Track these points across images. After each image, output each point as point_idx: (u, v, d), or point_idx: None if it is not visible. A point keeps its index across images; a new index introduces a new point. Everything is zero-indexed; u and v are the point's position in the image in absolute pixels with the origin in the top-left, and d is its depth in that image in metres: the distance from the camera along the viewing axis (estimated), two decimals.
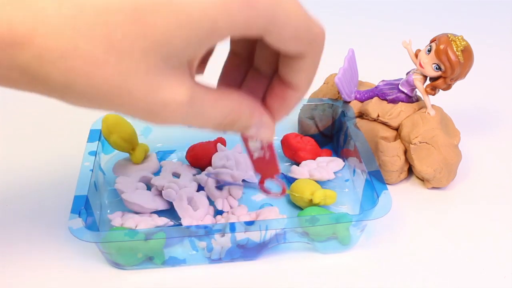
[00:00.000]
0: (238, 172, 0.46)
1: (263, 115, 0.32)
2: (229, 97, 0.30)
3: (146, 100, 0.26)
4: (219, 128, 0.31)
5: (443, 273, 0.41)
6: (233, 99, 0.30)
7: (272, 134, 0.33)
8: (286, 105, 0.32)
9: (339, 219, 0.39)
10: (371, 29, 0.76)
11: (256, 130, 0.32)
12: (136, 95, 0.26)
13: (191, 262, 0.41)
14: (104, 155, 0.49)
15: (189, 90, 0.27)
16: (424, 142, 0.47)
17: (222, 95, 0.30)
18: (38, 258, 0.42)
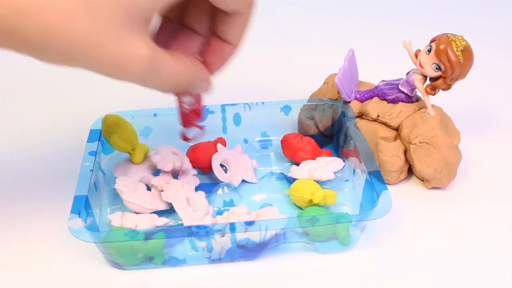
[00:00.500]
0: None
1: (205, 72, 0.36)
2: (182, 60, 0.33)
3: (114, 53, 0.28)
4: (172, 88, 0.33)
5: (443, 273, 0.41)
6: (184, 62, 0.34)
7: (210, 87, 0.37)
8: (222, 59, 0.37)
9: (339, 219, 0.39)
10: (371, 29, 0.76)
11: (199, 86, 0.36)
12: (107, 49, 0.28)
13: (191, 262, 0.41)
14: (104, 155, 0.49)
15: (150, 47, 0.30)
16: (424, 142, 0.47)
17: (176, 57, 0.33)
18: (38, 258, 0.42)
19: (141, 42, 0.29)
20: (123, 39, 0.28)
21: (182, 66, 0.33)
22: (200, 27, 0.36)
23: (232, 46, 0.36)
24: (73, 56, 0.28)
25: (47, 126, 0.57)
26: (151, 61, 0.30)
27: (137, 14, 0.28)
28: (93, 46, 0.28)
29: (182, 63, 0.33)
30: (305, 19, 0.79)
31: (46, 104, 0.60)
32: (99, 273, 0.41)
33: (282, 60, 0.69)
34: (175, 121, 0.51)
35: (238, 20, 0.34)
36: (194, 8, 0.34)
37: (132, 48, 0.29)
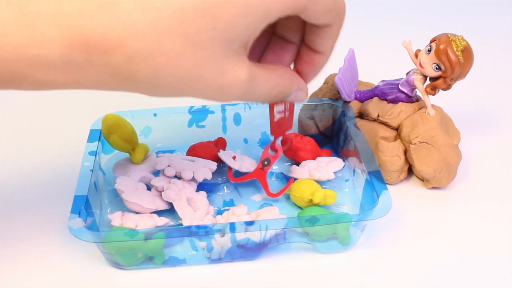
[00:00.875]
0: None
1: (300, 81, 0.37)
2: (276, 72, 0.35)
3: (216, 82, 0.30)
4: (267, 99, 0.35)
5: (443, 273, 0.41)
6: (278, 73, 0.35)
7: (306, 96, 0.38)
8: (315, 69, 0.37)
9: (339, 219, 0.39)
10: (371, 29, 0.76)
11: (294, 95, 0.37)
12: (209, 79, 0.30)
13: (191, 262, 0.41)
14: (104, 155, 0.49)
15: (248, 69, 0.31)
16: (424, 142, 0.47)
17: (270, 71, 0.34)
18: (38, 258, 0.42)
19: (239, 67, 0.31)
20: (223, 68, 0.30)
21: (277, 78, 0.34)
22: (292, 37, 0.37)
23: (323, 55, 0.37)
24: (180, 90, 0.30)
25: (47, 126, 0.57)
26: (250, 81, 0.32)
27: (235, 42, 0.30)
28: (197, 80, 0.30)
29: (276, 76, 0.34)
30: None
31: (46, 104, 0.60)
32: (99, 273, 0.41)
33: None
34: (175, 121, 0.51)
35: (329, 31, 0.34)
36: (286, 18, 0.34)
37: (232, 75, 0.31)
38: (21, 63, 0.27)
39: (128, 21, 0.27)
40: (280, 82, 0.35)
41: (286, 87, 0.35)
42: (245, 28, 0.30)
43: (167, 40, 0.28)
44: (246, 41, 0.31)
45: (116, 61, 0.27)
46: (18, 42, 0.26)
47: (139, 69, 0.28)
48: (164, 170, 0.46)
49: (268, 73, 0.34)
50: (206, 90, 0.31)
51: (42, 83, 0.28)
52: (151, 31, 0.27)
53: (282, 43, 0.37)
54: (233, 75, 0.31)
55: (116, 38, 0.27)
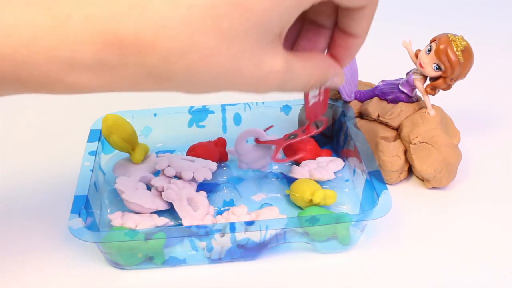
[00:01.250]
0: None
1: (336, 68, 0.36)
2: (313, 60, 0.34)
3: (253, 75, 0.30)
4: (305, 89, 0.34)
5: (443, 273, 0.41)
6: (315, 61, 0.34)
7: (343, 80, 0.37)
8: (351, 53, 0.36)
9: (339, 219, 0.39)
10: (371, 29, 0.76)
11: (331, 81, 0.36)
12: (245, 73, 0.29)
13: (191, 262, 0.41)
14: (104, 155, 0.49)
15: (283, 59, 0.31)
16: (424, 142, 0.47)
17: (308, 59, 0.34)
18: (38, 258, 0.42)
19: (275, 58, 0.30)
20: (259, 60, 0.30)
21: (314, 67, 0.34)
22: (325, 21, 0.36)
23: (359, 38, 0.36)
24: (216, 86, 0.30)
25: (47, 126, 0.57)
26: (286, 71, 0.31)
27: (269, 33, 0.29)
28: (233, 74, 0.29)
29: (314, 64, 0.34)
30: None
31: (46, 104, 0.60)
32: (99, 273, 0.41)
33: None
34: (175, 121, 0.51)
35: (363, 13, 0.34)
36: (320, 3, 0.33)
37: (268, 66, 0.30)
38: (53, 66, 0.27)
39: (160, 21, 0.26)
40: (317, 71, 0.34)
41: (323, 75, 0.35)
42: (278, 17, 0.29)
43: (200, 37, 0.27)
44: (281, 31, 0.30)
45: (150, 61, 0.27)
46: (50, 45, 0.26)
47: (174, 68, 0.28)
48: (164, 170, 0.46)
49: (304, 62, 0.33)
50: (243, 84, 0.30)
51: (75, 86, 0.28)
52: (184, 29, 0.27)
53: (314, 28, 0.36)
54: (269, 67, 0.30)
55: (149, 38, 0.26)
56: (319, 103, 0.42)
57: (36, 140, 0.55)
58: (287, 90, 0.33)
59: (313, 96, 0.41)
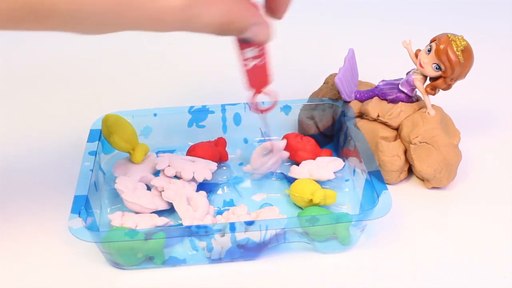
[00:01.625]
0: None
1: (258, 16, 0.34)
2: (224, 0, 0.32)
3: (148, 9, 0.29)
4: (218, 29, 0.32)
5: (443, 273, 0.41)
6: (228, 0, 0.32)
7: (270, 34, 0.35)
8: (283, 2, 0.35)
9: (339, 219, 0.39)
10: (371, 29, 0.76)
11: (254, 31, 0.34)
12: (139, 6, 0.29)
13: (191, 262, 0.41)
14: (104, 155, 0.49)
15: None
16: (424, 142, 0.47)
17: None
18: (38, 258, 0.42)
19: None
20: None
21: (225, 6, 0.32)
22: None
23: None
24: (110, 21, 0.29)
25: (47, 126, 0.57)
26: (189, 7, 0.30)
27: None
28: (124, 7, 0.28)
29: (225, 3, 0.32)
30: (305, 19, 0.79)
31: (46, 104, 0.61)
32: (99, 273, 0.41)
33: (282, 60, 0.69)
34: (175, 121, 0.51)
35: None
36: None
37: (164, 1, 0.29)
38: None
39: None
40: (230, 11, 0.32)
41: (237, 17, 0.33)
42: None
43: None
44: None
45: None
46: None
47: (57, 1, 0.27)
48: (164, 170, 0.46)
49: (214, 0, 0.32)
50: (137, 19, 0.29)
51: None
52: None
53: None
54: (165, 2, 0.29)
55: None
56: (260, 69, 0.39)
57: (36, 140, 0.55)
58: (196, 29, 0.32)
59: (251, 57, 0.38)
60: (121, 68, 0.67)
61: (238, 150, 0.51)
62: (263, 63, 0.39)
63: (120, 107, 0.51)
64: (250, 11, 0.34)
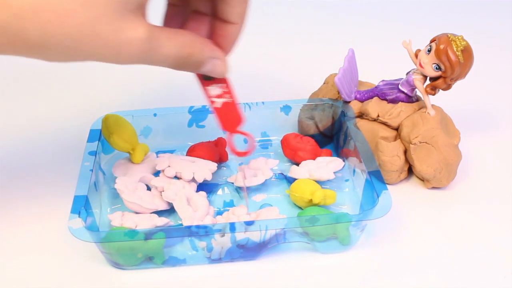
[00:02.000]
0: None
1: (214, 50, 0.36)
2: (183, 34, 0.35)
3: (113, 41, 0.30)
4: (177, 62, 0.34)
5: (443, 273, 0.41)
6: (186, 35, 0.35)
7: (226, 68, 0.37)
8: (230, 40, 0.37)
9: (339, 219, 0.39)
10: (371, 29, 0.76)
11: (211, 65, 0.36)
12: (104, 37, 0.30)
13: (191, 262, 0.41)
14: (104, 155, 0.49)
15: (146, 28, 0.32)
16: (424, 142, 0.47)
17: (177, 32, 0.34)
18: (38, 258, 0.42)
19: (136, 26, 0.31)
20: (118, 26, 0.30)
21: (184, 40, 0.34)
22: (204, 7, 0.37)
23: (236, 25, 0.36)
24: (74, 50, 0.30)
25: (47, 126, 0.57)
26: (149, 40, 0.32)
27: (128, 2, 0.30)
28: (91, 38, 0.30)
29: (183, 38, 0.34)
30: (305, 19, 0.79)
31: (46, 104, 0.61)
32: (99, 273, 0.41)
33: (282, 60, 0.69)
34: (175, 121, 0.51)
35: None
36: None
37: (128, 33, 0.31)
38: None
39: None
40: (188, 44, 0.34)
41: (195, 50, 0.35)
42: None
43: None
44: (140, 2, 0.31)
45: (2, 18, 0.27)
46: None
47: (27, 26, 0.28)
48: (164, 170, 0.46)
49: (172, 34, 0.34)
50: (102, 49, 0.31)
51: None
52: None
53: (196, 17, 0.37)
54: (130, 33, 0.31)
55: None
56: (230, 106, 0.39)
57: (36, 139, 0.55)
58: (155, 62, 0.33)
59: (216, 95, 0.39)
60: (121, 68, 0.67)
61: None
62: (232, 101, 0.39)
63: (120, 107, 0.51)
64: (207, 45, 0.36)
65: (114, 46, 0.31)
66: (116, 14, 0.30)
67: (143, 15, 0.32)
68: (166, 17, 0.38)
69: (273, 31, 0.76)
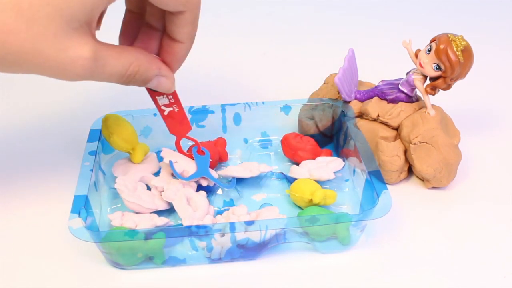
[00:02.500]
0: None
1: (161, 66, 0.38)
2: (129, 51, 0.35)
3: (56, 59, 0.31)
4: (123, 80, 0.35)
5: (443, 273, 0.41)
6: (132, 53, 0.35)
7: (172, 84, 0.39)
8: (177, 58, 0.38)
9: (339, 219, 0.39)
10: (371, 29, 0.76)
11: (157, 81, 0.38)
12: (47, 55, 0.31)
13: (191, 262, 0.41)
14: (104, 155, 0.49)
15: (92, 47, 0.32)
16: (424, 142, 0.47)
17: (123, 50, 0.35)
18: (38, 258, 0.42)
19: (81, 45, 0.32)
20: (63, 45, 0.31)
21: (130, 57, 0.35)
22: (157, 23, 0.38)
23: (183, 44, 0.37)
24: (18, 65, 0.31)
25: (47, 126, 0.57)
26: (94, 60, 0.32)
27: (73, 20, 0.31)
28: (33, 55, 0.30)
29: (130, 55, 0.35)
30: (305, 19, 0.79)
31: (46, 104, 0.60)
32: (99, 273, 0.41)
33: (282, 60, 0.69)
34: None
35: (183, 18, 0.35)
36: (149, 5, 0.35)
37: (73, 51, 0.31)
38: None
39: None
40: (134, 62, 0.35)
41: (142, 67, 0.36)
42: (80, 6, 0.30)
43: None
44: (87, 20, 0.31)
45: None
46: None
47: None
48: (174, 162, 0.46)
49: (119, 52, 0.34)
50: (45, 66, 0.31)
51: None
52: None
53: (149, 31, 0.38)
54: (75, 52, 0.31)
55: None
56: (177, 118, 0.43)
57: (36, 139, 0.55)
58: (101, 79, 0.34)
59: (164, 104, 0.42)
60: None
61: (238, 150, 0.51)
62: (178, 110, 0.43)
63: (120, 107, 0.51)
64: (154, 63, 0.37)
65: (58, 65, 0.31)
66: (60, 32, 0.30)
67: (90, 32, 0.32)
68: (123, 22, 0.39)
69: (273, 31, 0.76)
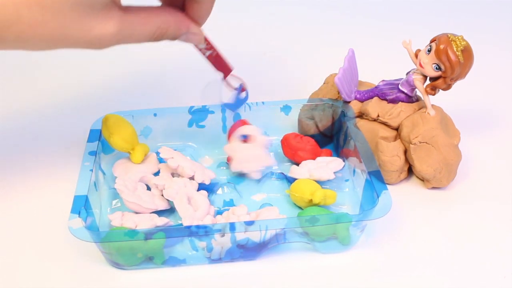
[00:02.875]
0: None
1: (190, 25, 0.40)
2: (157, 14, 0.38)
3: (84, 39, 0.35)
4: (151, 40, 0.39)
5: (443, 273, 0.41)
6: (159, 16, 0.38)
7: (201, 39, 0.42)
8: (201, 15, 0.41)
9: (339, 219, 0.39)
10: (371, 29, 0.76)
11: (185, 37, 0.40)
12: (76, 37, 0.35)
13: (191, 262, 0.41)
14: (104, 155, 0.49)
15: (116, 21, 0.35)
16: (424, 142, 0.47)
17: (149, 14, 0.38)
18: (38, 258, 0.42)
19: (106, 22, 0.35)
20: (87, 26, 0.34)
21: (155, 21, 0.38)
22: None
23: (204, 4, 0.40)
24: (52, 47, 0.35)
25: (47, 126, 0.57)
26: (119, 32, 0.36)
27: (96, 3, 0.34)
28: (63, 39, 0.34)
29: (156, 18, 0.38)
30: (305, 19, 0.79)
31: (46, 104, 0.60)
32: (99, 273, 0.41)
33: (282, 60, 0.69)
34: (175, 121, 0.51)
35: None
36: None
37: (98, 30, 0.35)
38: None
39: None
40: (161, 25, 0.38)
41: (170, 29, 0.39)
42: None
43: (25, 11, 0.33)
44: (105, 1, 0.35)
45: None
46: None
47: (6, 35, 0.33)
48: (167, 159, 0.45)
49: (145, 17, 0.37)
50: (76, 45, 0.36)
51: None
52: (9, 4, 0.32)
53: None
54: (100, 30, 0.35)
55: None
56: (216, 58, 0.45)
57: (36, 139, 0.55)
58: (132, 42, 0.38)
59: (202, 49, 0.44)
60: (121, 68, 0.67)
61: None
62: (215, 54, 0.45)
63: (120, 107, 0.51)
64: (182, 22, 0.40)
65: (87, 43, 0.35)
66: (84, 17, 0.34)
67: (116, 5, 0.35)
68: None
69: (273, 31, 0.76)
